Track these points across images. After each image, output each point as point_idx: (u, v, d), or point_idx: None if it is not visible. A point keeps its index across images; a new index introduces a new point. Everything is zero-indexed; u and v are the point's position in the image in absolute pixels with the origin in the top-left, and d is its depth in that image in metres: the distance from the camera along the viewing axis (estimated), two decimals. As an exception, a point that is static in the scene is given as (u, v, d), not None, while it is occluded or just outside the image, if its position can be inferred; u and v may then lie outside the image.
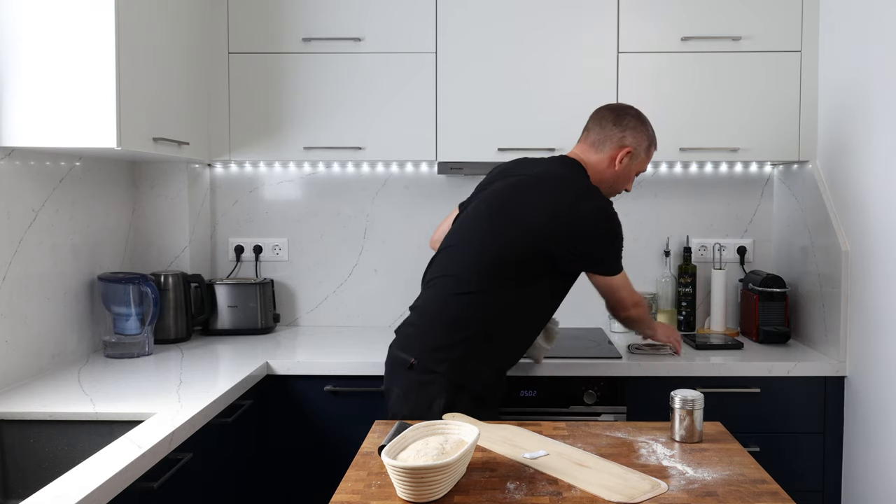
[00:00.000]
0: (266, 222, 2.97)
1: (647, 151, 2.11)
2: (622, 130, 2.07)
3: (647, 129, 2.11)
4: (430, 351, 1.92)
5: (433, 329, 1.95)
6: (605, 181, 2.09)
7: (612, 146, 2.07)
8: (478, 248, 1.97)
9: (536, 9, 2.57)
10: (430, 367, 1.90)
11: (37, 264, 2.15)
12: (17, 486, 1.82)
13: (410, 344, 1.97)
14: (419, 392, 1.90)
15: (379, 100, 2.60)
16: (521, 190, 2.01)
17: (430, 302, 2.01)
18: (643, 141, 2.09)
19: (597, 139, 2.08)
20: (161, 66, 2.26)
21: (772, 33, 2.56)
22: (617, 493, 1.37)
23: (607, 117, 2.09)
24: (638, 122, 2.09)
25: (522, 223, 1.94)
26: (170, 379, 2.13)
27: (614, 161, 2.07)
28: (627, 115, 2.09)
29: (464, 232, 2.04)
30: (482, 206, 2.04)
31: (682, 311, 2.85)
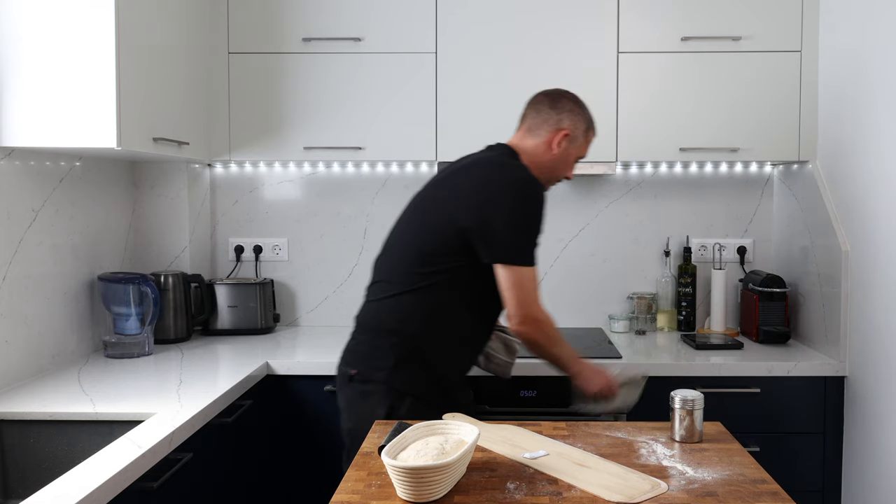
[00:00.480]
0: (266, 222, 2.97)
1: (585, 135, 2.05)
2: (559, 113, 2.01)
3: (585, 113, 2.05)
4: (367, 360, 1.91)
5: (367, 338, 1.95)
6: (543, 166, 2.01)
7: (549, 129, 2.00)
8: (400, 250, 1.95)
9: (536, 9, 2.58)
10: (368, 376, 1.89)
11: (37, 264, 2.15)
12: (17, 486, 1.82)
13: (350, 356, 1.97)
14: (361, 403, 1.89)
15: (379, 100, 2.60)
16: (440, 183, 1.99)
17: (363, 311, 2.00)
18: (581, 124, 2.03)
19: (532, 124, 2.03)
20: (161, 66, 2.26)
21: (772, 33, 2.56)
22: (617, 493, 1.37)
23: (543, 102, 2.04)
24: (575, 104, 2.03)
25: (438, 209, 1.91)
26: (170, 379, 2.13)
27: (551, 145, 2.00)
28: (564, 97, 2.04)
29: (389, 238, 2.02)
30: (408, 210, 2.02)
31: (682, 311, 2.85)
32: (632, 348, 2.55)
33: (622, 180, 2.93)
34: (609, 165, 2.59)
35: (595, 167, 2.59)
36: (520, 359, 2.37)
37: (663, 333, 2.84)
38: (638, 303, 2.85)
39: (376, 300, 1.95)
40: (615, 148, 2.58)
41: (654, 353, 2.50)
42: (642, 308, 2.85)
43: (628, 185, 2.92)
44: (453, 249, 1.86)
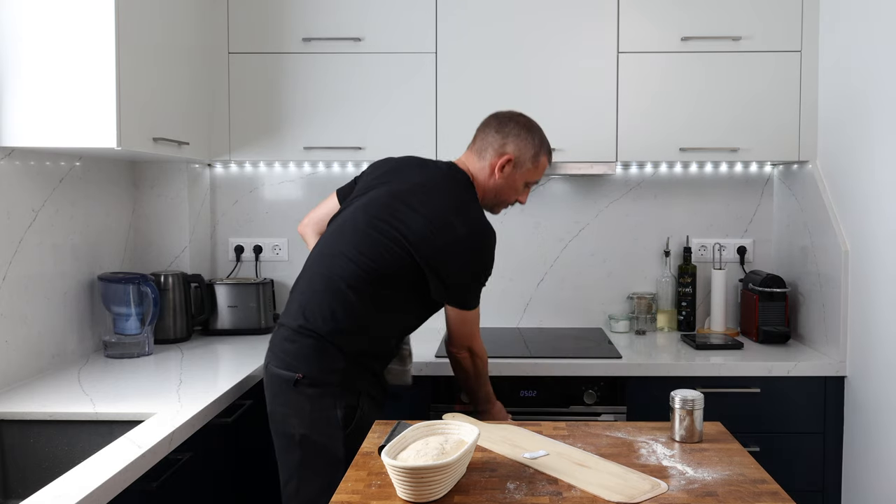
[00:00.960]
0: (266, 222, 2.97)
1: (534, 160, 1.99)
2: (504, 137, 1.97)
3: (534, 137, 1.99)
4: (315, 362, 1.84)
5: (310, 341, 1.85)
6: (487, 191, 2.00)
7: (493, 154, 1.97)
8: (349, 260, 1.87)
9: (536, 9, 2.58)
10: (318, 380, 1.83)
11: (37, 264, 2.15)
12: (17, 486, 1.82)
13: (291, 359, 1.87)
14: (313, 408, 1.83)
15: (379, 100, 2.60)
16: (399, 199, 1.91)
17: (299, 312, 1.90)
18: (528, 149, 1.98)
19: (480, 147, 2.00)
20: (161, 66, 2.26)
21: (772, 33, 2.56)
22: (617, 493, 1.37)
23: (491, 124, 2.00)
24: (523, 129, 1.98)
25: (396, 235, 1.85)
26: (170, 379, 2.13)
27: (494, 170, 1.97)
28: (512, 121, 1.99)
29: (338, 240, 1.93)
30: (359, 214, 1.93)
31: (682, 311, 2.85)
32: (632, 348, 2.55)
33: (622, 180, 2.93)
34: (609, 165, 2.59)
35: (595, 167, 2.59)
36: (520, 359, 2.38)
37: (663, 333, 2.84)
38: (638, 303, 2.86)
39: (330, 304, 1.86)
40: (615, 148, 2.58)
41: (654, 353, 2.50)
42: (642, 308, 2.85)
43: (628, 185, 2.92)
44: (403, 271, 1.86)
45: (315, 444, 1.84)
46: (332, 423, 1.82)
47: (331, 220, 2.02)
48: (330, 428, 1.82)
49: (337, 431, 1.82)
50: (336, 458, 1.81)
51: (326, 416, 1.82)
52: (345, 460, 1.78)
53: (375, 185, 1.99)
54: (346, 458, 1.78)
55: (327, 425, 1.82)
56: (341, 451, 1.81)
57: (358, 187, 2.05)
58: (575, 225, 2.94)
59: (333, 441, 1.82)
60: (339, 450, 1.81)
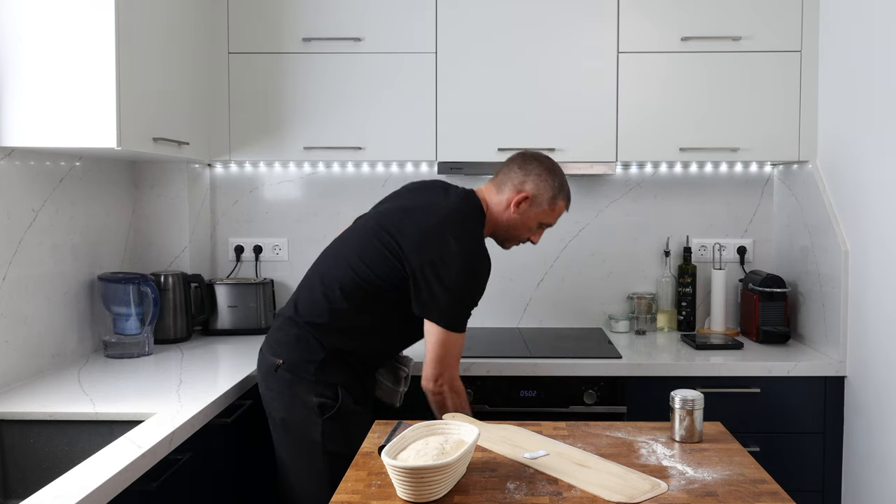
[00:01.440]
0: (266, 222, 2.97)
1: (550, 202, 2.02)
2: (525, 175, 2.01)
3: (554, 181, 2.02)
4: (294, 351, 1.94)
5: (296, 331, 1.95)
6: (500, 224, 2.04)
7: (511, 189, 2.01)
8: (349, 267, 1.95)
9: (536, 9, 2.57)
10: (296, 368, 1.93)
11: (37, 264, 2.15)
12: (17, 486, 1.82)
13: (276, 345, 1.98)
14: (291, 393, 1.93)
15: (379, 100, 2.60)
16: (407, 214, 1.97)
17: (297, 303, 2.00)
18: (546, 191, 2.01)
19: (501, 180, 2.04)
20: (161, 65, 2.26)
21: (772, 33, 2.56)
22: (617, 493, 1.37)
23: (516, 160, 2.05)
24: (545, 170, 2.02)
25: (394, 246, 1.91)
26: (170, 379, 2.13)
27: (510, 205, 2.01)
28: (535, 161, 2.03)
29: (345, 245, 2.04)
30: (370, 223, 2.02)
31: (682, 311, 2.85)
32: (632, 348, 2.55)
33: (622, 180, 2.93)
34: (609, 165, 2.59)
35: (595, 167, 2.59)
36: (520, 359, 2.37)
37: (663, 333, 2.84)
38: (638, 303, 2.85)
39: (321, 304, 1.96)
40: (615, 148, 2.58)
41: (654, 353, 2.50)
42: (642, 308, 2.85)
43: (628, 185, 2.92)
44: (393, 283, 1.91)
45: (294, 427, 1.94)
46: (309, 409, 1.91)
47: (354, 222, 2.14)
48: (307, 412, 1.91)
49: (314, 417, 1.90)
50: (314, 442, 1.91)
51: (303, 401, 1.92)
52: (321, 444, 1.89)
53: (395, 199, 2.09)
54: (322, 443, 1.89)
55: (304, 410, 1.91)
56: (318, 436, 1.90)
57: (386, 197, 2.16)
58: (575, 225, 2.94)
59: (311, 426, 1.91)
60: (316, 434, 1.90)
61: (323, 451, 1.89)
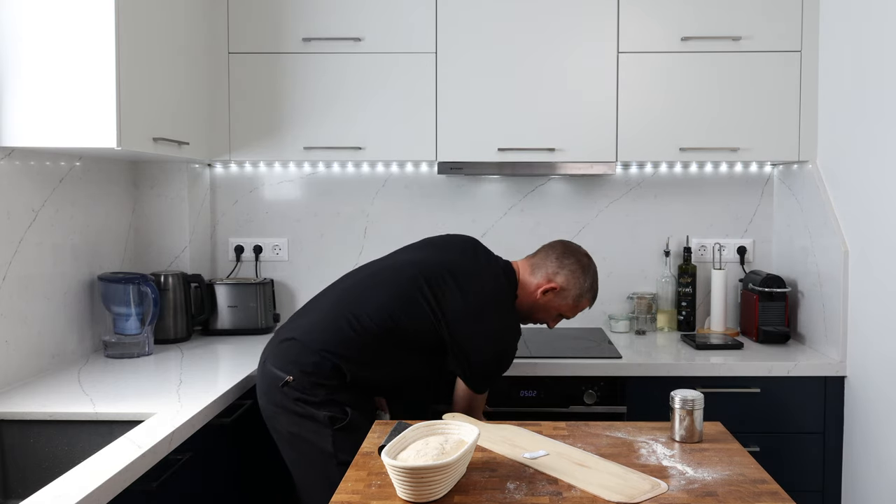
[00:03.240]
0: (266, 222, 2.97)
1: (576, 299, 2.07)
2: (559, 267, 2.05)
3: (586, 281, 2.07)
4: (308, 375, 1.91)
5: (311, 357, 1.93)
6: (524, 304, 2.08)
7: (543, 276, 2.06)
8: (381, 305, 1.96)
9: (536, 9, 2.57)
10: (306, 389, 1.91)
11: (37, 264, 2.15)
12: (17, 486, 1.82)
13: (284, 363, 1.95)
14: (298, 409, 1.91)
15: (379, 100, 2.60)
16: (450, 273, 1.99)
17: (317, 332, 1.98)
18: (575, 288, 2.05)
19: (537, 263, 2.08)
20: (161, 66, 2.26)
21: (772, 33, 2.56)
22: (617, 493, 1.37)
23: (556, 248, 2.09)
24: (580, 268, 2.06)
25: (434, 305, 1.95)
26: (170, 379, 2.13)
27: (539, 290, 2.05)
28: (574, 256, 2.08)
29: (373, 283, 2.03)
30: (407, 268, 2.03)
31: (682, 311, 2.85)
32: (632, 348, 2.55)
33: (622, 180, 2.93)
34: (609, 165, 2.59)
35: (595, 167, 2.59)
36: (520, 359, 2.38)
37: (663, 333, 2.84)
38: (638, 303, 2.85)
39: (334, 329, 1.96)
40: (615, 148, 2.58)
41: (654, 353, 2.50)
42: (642, 308, 2.85)
43: (628, 185, 2.92)
44: (423, 336, 1.97)
45: (305, 440, 1.93)
46: (319, 422, 1.90)
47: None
48: (317, 425, 1.90)
49: (324, 429, 1.89)
50: (326, 452, 1.90)
51: (311, 415, 1.90)
52: (334, 455, 1.88)
53: (433, 250, 2.09)
54: (335, 453, 1.88)
55: (314, 423, 1.90)
56: (330, 447, 1.89)
57: (416, 243, 2.17)
58: (575, 225, 2.94)
59: (321, 438, 1.90)
60: (327, 445, 1.89)
61: (337, 462, 1.87)
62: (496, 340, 1.98)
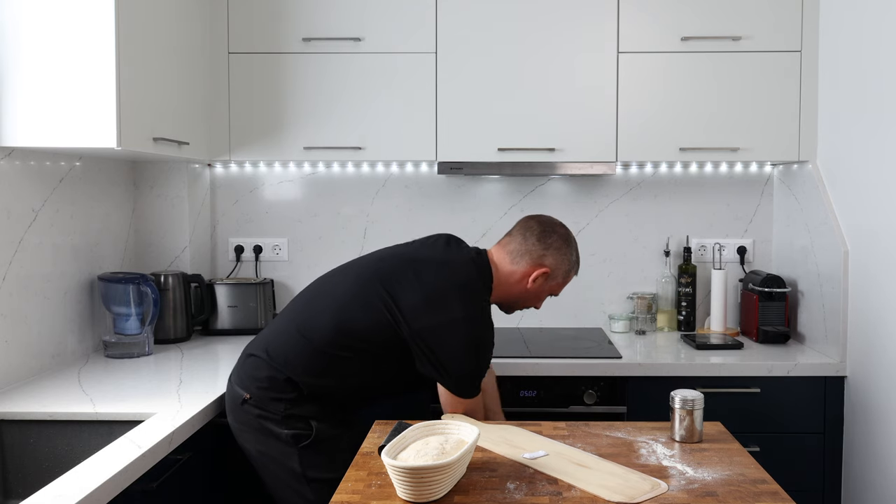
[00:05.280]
0: (266, 222, 2.97)
1: (565, 276, 1.96)
2: (544, 249, 1.91)
3: (571, 254, 1.96)
4: (264, 390, 1.85)
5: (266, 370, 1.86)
6: (512, 295, 1.95)
7: (529, 262, 1.91)
8: (330, 315, 1.86)
9: (536, 9, 2.57)
10: (264, 406, 1.84)
11: (37, 264, 2.15)
12: (17, 486, 1.82)
13: (244, 379, 1.89)
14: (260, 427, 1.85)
15: (379, 100, 2.60)
16: (410, 267, 1.86)
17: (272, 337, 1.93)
18: (564, 265, 1.94)
19: (516, 250, 1.92)
20: (161, 66, 2.26)
21: (772, 33, 2.56)
22: (617, 493, 1.37)
23: (533, 230, 1.93)
24: (564, 244, 1.94)
25: (389, 302, 1.81)
26: (170, 379, 2.13)
27: (528, 278, 1.92)
28: (555, 233, 1.94)
29: (326, 292, 1.94)
30: (363, 270, 1.92)
31: (682, 311, 2.85)
32: (632, 348, 2.55)
33: (622, 180, 2.93)
34: (609, 165, 2.59)
35: (595, 167, 2.59)
36: (520, 359, 2.38)
37: (663, 333, 2.84)
38: (638, 303, 2.85)
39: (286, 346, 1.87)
40: (615, 148, 2.58)
41: (654, 353, 2.50)
42: (642, 308, 2.85)
43: (628, 185, 2.92)
44: (383, 338, 1.82)
45: (272, 459, 1.86)
46: (282, 441, 1.83)
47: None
48: (280, 445, 1.84)
49: (289, 448, 1.83)
50: (294, 472, 1.84)
51: (274, 434, 1.84)
52: (303, 473, 1.82)
53: (398, 247, 1.99)
54: (303, 471, 1.82)
55: (277, 442, 1.84)
56: (297, 465, 1.83)
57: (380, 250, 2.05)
58: (575, 225, 2.93)
59: (288, 457, 1.84)
60: (294, 464, 1.83)
61: (306, 480, 1.82)
62: (466, 331, 1.78)
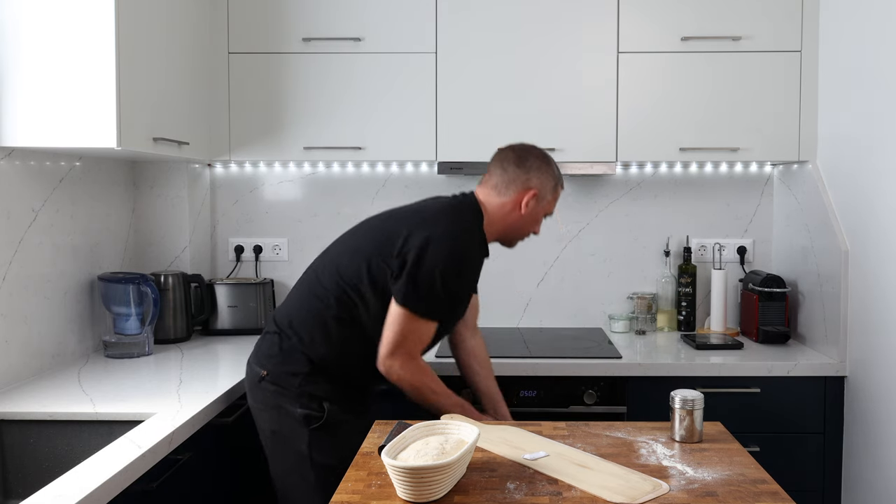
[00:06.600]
0: (266, 222, 2.97)
1: (553, 192, 2.00)
2: (526, 172, 1.95)
3: (553, 170, 2.00)
4: (280, 364, 1.90)
5: (279, 341, 1.93)
6: (509, 225, 1.98)
7: (517, 189, 1.95)
8: (326, 265, 1.96)
9: (536, 9, 2.57)
10: (280, 381, 1.89)
11: (37, 264, 2.15)
12: (17, 486, 1.82)
13: (262, 357, 1.95)
14: (277, 405, 1.89)
15: (379, 100, 2.60)
16: (395, 218, 1.95)
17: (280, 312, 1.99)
18: (549, 181, 1.98)
19: (499, 182, 1.96)
20: (161, 66, 2.26)
21: (772, 33, 2.56)
22: (618, 493, 1.36)
23: (510, 159, 1.97)
24: (542, 162, 1.98)
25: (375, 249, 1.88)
26: (170, 379, 2.13)
27: (520, 204, 1.95)
28: (531, 155, 1.98)
29: (327, 254, 2.03)
30: (362, 228, 2.01)
31: (682, 311, 2.85)
32: (632, 348, 2.55)
33: (622, 180, 2.93)
34: (609, 165, 2.59)
35: (595, 167, 2.59)
36: (520, 359, 2.38)
37: (663, 333, 2.84)
38: (638, 303, 2.85)
39: (297, 310, 1.94)
40: (615, 148, 2.58)
41: (654, 353, 2.50)
42: (642, 308, 2.85)
43: (628, 185, 2.92)
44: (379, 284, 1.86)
45: (282, 438, 1.91)
46: (295, 420, 1.88)
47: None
48: (293, 424, 1.88)
49: (300, 428, 1.87)
50: (302, 454, 1.87)
51: (288, 412, 1.88)
52: (309, 456, 1.86)
53: (396, 209, 2.03)
54: (310, 454, 1.86)
55: (291, 422, 1.89)
56: (305, 447, 1.87)
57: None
58: (575, 225, 2.94)
59: (297, 437, 1.88)
60: (302, 446, 1.87)
61: (311, 464, 1.85)
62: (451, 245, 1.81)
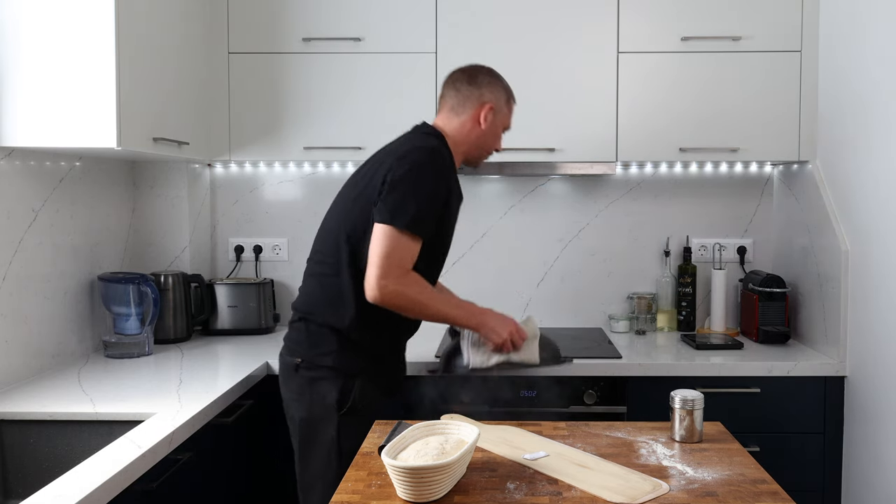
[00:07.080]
0: (266, 222, 2.97)
1: (507, 105, 2.07)
2: (479, 88, 2.01)
3: (502, 82, 2.07)
4: (311, 347, 1.93)
5: (304, 325, 1.95)
6: (472, 143, 2.02)
7: (473, 106, 2.00)
8: (324, 234, 1.99)
9: (536, 9, 2.57)
10: (315, 363, 1.91)
11: (37, 264, 2.15)
12: (17, 486, 1.82)
13: (293, 345, 1.98)
14: (312, 391, 1.91)
15: (379, 100, 2.60)
16: (366, 164, 2.01)
17: (299, 299, 2.02)
18: (501, 94, 2.04)
19: (455, 103, 2.02)
20: (161, 66, 2.26)
21: (772, 33, 2.55)
22: (618, 493, 1.36)
23: (461, 79, 2.04)
24: (492, 77, 2.05)
25: (355, 190, 1.94)
26: (170, 379, 2.13)
27: (478, 120, 2.00)
28: (480, 73, 2.05)
29: (319, 233, 2.05)
30: (332, 205, 2.07)
31: (682, 311, 2.85)
32: (632, 348, 2.55)
33: (622, 180, 2.93)
34: (609, 165, 2.59)
35: (595, 167, 2.59)
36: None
37: (663, 333, 2.84)
38: (638, 303, 2.85)
39: (315, 289, 1.96)
40: (615, 148, 2.58)
41: (654, 353, 2.50)
42: (642, 308, 2.85)
43: (628, 185, 2.92)
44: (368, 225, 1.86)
45: (312, 425, 1.92)
46: (328, 405, 1.89)
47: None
48: (325, 410, 1.89)
49: (331, 413, 1.89)
50: (330, 439, 1.89)
51: (322, 397, 1.90)
52: (337, 442, 1.87)
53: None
54: (338, 440, 1.87)
55: (322, 407, 1.90)
56: (333, 432, 1.88)
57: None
58: (575, 225, 2.94)
59: (327, 423, 1.89)
60: (332, 430, 1.88)
61: (339, 450, 1.87)
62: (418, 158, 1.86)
